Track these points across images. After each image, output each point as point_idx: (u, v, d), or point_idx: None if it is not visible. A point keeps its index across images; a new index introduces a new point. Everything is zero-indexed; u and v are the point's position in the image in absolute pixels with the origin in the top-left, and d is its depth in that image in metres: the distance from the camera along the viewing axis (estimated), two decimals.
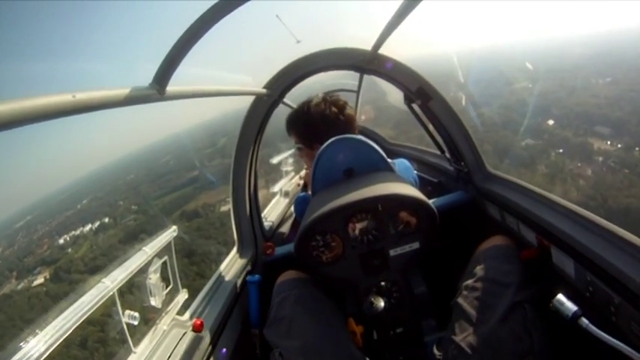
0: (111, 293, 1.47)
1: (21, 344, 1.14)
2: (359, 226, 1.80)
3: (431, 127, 2.58)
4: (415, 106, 2.48)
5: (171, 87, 1.34)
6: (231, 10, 1.25)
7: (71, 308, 1.32)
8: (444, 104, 2.36)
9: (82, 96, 0.94)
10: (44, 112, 0.82)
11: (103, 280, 1.48)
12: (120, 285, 1.50)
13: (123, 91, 1.12)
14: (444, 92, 2.36)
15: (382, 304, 1.69)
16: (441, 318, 1.80)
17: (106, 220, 33.67)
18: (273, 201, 4.36)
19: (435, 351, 1.70)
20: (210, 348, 1.81)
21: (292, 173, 4.98)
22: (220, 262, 2.42)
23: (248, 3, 1.24)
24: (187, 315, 1.92)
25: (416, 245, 1.80)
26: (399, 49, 2.35)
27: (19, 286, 27.13)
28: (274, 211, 3.99)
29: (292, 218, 3.92)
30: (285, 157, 4.88)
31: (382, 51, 2.26)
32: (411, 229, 1.79)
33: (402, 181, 1.82)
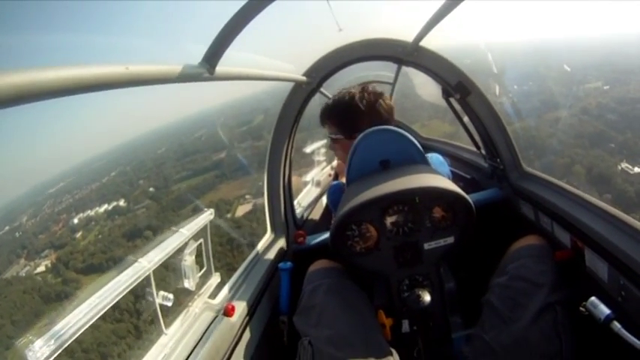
0: (147, 273, 1.54)
1: (58, 321, 1.20)
2: (395, 217, 1.78)
3: (465, 119, 2.59)
4: (453, 100, 2.52)
5: (221, 67, 1.42)
6: None
7: (108, 286, 1.39)
8: (483, 99, 2.39)
9: (135, 69, 0.98)
10: (97, 81, 0.86)
11: (140, 259, 1.54)
12: (156, 265, 1.57)
13: (175, 68, 1.19)
14: (484, 86, 2.36)
15: (428, 297, 1.66)
16: (467, 315, 1.83)
17: (122, 202, 33.25)
18: (305, 190, 4.46)
19: (464, 348, 1.72)
20: (239, 333, 1.85)
21: (324, 163, 5.12)
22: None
23: None
24: (219, 299, 1.98)
25: (451, 240, 1.79)
26: (434, 40, 2.29)
27: (24, 271, 27.00)
28: (305, 199, 4.10)
29: (323, 208, 4.17)
30: (318, 146, 5.01)
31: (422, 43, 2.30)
32: (447, 224, 1.78)
33: (439, 175, 1.81)
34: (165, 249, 1.65)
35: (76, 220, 32.08)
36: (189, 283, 1.81)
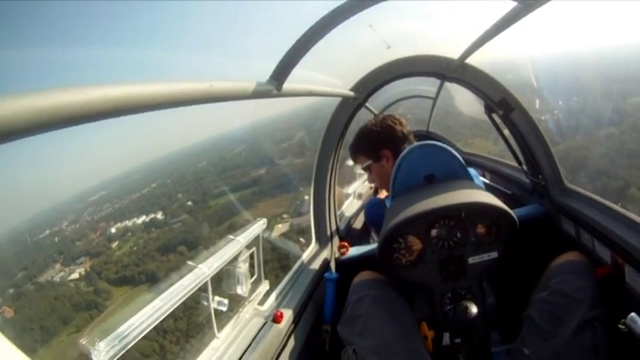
0: (207, 279, 1.64)
1: (126, 321, 1.28)
2: (441, 231, 1.81)
3: (507, 133, 2.63)
4: (495, 116, 2.56)
5: (287, 84, 1.49)
6: (352, 15, 1.37)
7: (171, 290, 1.48)
8: (526, 115, 2.43)
9: (218, 86, 1.05)
10: (185, 97, 0.91)
11: (200, 265, 1.64)
12: (215, 272, 1.68)
13: (249, 85, 1.27)
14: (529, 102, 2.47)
15: (475, 310, 1.70)
16: (505, 330, 1.89)
17: (159, 215, 33.31)
18: (347, 202, 4.71)
19: None
20: (285, 339, 1.92)
21: (364, 176, 4.89)
22: None
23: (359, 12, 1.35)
24: (266, 305, 2.08)
25: (494, 255, 1.81)
26: (476, 55, 2.30)
27: (58, 276, 27.18)
28: (348, 211, 4.38)
29: (364, 220, 4.11)
30: None
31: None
32: (491, 239, 1.80)
33: (484, 190, 1.87)
34: (223, 256, 1.76)
35: (113, 230, 32.21)
36: (241, 290, 1.92)
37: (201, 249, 25.88)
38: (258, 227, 2.02)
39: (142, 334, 1.28)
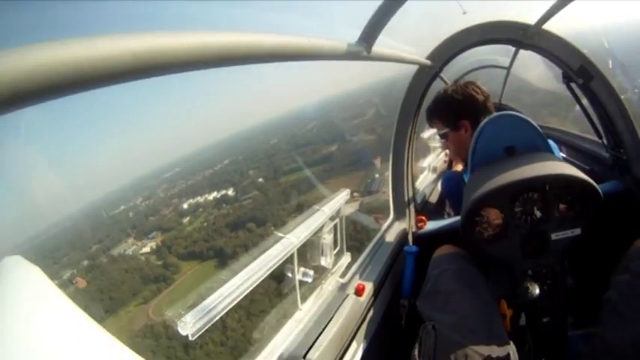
0: (294, 250, 1.62)
1: (214, 291, 1.28)
2: (524, 205, 1.75)
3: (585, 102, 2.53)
4: (574, 86, 2.45)
5: (376, 47, 1.47)
6: None
7: (259, 260, 1.46)
8: (606, 84, 2.30)
9: (316, 42, 1.05)
10: (283, 51, 0.91)
11: (288, 235, 1.62)
12: (302, 242, 1.64)
13: (340, 45, 1.26)
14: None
15: (537, 290, 1.64)
16: (582, 313, 1.81)
17: (230, 191, 33.43)
18: (422, 176, 4.61)
19: (580, 346, 1.72)
20: (365, 313, 1.92)
21: (439, 149, 5.22)
22: None
23: None
24: (347, 278, 2.05)
25: (577, 231, 1.74)
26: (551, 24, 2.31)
27: (130, 249, 28.02)
28: (423, 185, 4.28)
29: (438, 194, 4.11)
30: (434, 132, 4.80)
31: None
32: (574, 214, 1.73)
33: (567, 163, 1.77)
34: (310, 226, 1.71)
35: (185, 206, 32.82)
36: (325, 261, 1.88)
37: (269, 226, 26.17)
38: (341, 198, 1.97)
39: (230, 306, 1.27)
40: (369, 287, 1.95)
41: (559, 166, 1.68)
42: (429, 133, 4.91)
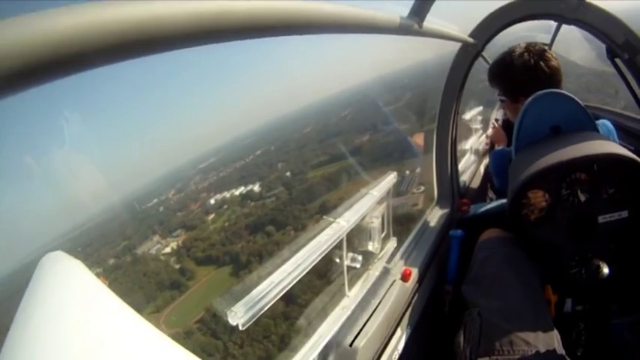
0: (344, 235, 1.57)
1: (265, 279, 1.24)
2: (572, 186, 1.68)
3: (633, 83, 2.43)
4: (619, 62, 2.38)
5: (426, 23, 1.43)
6: None
7: (310, 245, 1.42)
8: None
9: (368, 15, 1.01)
10: (331, 21, 0.86)
11: (338, 220, 1.57)
12: (352, 227, 1.60)
13: (392, 18, 1.20)
14: None
15: (607, 270, 1.58)
16: (628, 300, 1.78)
17: (256, 187, 32.69)
18: (464, 159, 4.47)
19: (626, 335, 1.69)
20: (410, 299, 1.93)
21: (480, 131, 5.09)
22: None
23: None
24: (393, 263, 2.05)
25: (625, 214, 1.65)
26: None
27: (154, 249, 27.78)
28: (464, 168, 4.15)
29: (481, 177, 4.20)
30: (474, 114, 4.92)
31: None
32: (621, 196, 1.65)
33: (615, 143, 1.68)
34: (359, 210, 1.68)
35: (212, 201, 32.33)
36: (373, 246, 1.85)
37: (289, 229, 25.54)
38: (389, 181, 1.92)
39: (281, 294, 1.23)
40: (414, 272, 1.96)
41: (607, 145, 1.60)
42: (470, 115, 4.82)
